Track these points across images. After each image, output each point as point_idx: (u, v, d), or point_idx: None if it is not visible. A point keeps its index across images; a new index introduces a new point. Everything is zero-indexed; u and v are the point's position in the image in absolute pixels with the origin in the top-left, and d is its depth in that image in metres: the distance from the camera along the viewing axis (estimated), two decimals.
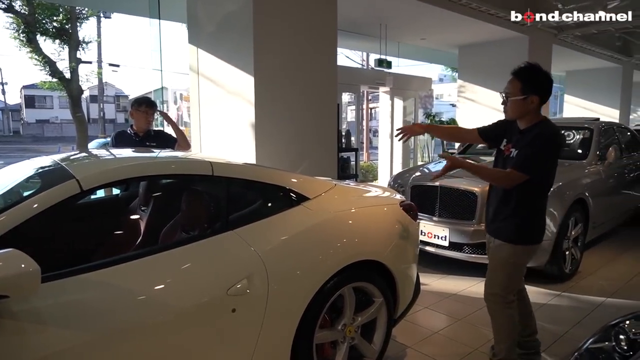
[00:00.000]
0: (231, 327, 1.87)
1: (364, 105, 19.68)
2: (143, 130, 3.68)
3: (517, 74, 2.35)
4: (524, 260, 2.47)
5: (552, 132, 2.33)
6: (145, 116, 3.65)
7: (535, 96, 2.31)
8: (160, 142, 3.70)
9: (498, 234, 2.48)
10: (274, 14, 4.69)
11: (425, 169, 5.08)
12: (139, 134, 3.66)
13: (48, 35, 13.32)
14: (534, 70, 2.34)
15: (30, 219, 1.55)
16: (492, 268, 2.53)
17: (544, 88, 2.33)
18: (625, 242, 5.49)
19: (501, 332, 2.52)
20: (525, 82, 2.31)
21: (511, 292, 2.48)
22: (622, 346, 1.37)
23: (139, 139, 3.64)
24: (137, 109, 3.65)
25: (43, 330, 1.48)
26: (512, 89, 2.35)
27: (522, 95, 2.32)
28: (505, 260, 2.45)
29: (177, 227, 2.17)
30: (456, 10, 7.28)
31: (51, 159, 2.19)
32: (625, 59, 13.11)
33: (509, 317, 2.48)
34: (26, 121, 38.92)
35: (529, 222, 2.41)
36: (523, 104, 2.33)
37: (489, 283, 2.54)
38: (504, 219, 2.43)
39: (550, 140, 2.30)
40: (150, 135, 3.70)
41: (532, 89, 2.31)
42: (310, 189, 2.38)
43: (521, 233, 2.40)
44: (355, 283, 2.31)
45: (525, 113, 2.36)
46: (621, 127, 6.04)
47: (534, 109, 2.34)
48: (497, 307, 2.50)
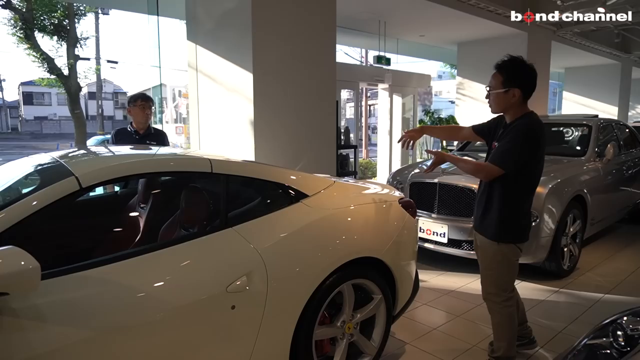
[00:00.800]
0: (231, 324, 1.88)
1: (363, 102, 19.66)
2: (143, 127, 3.68)
3: (499, 67, 2.34)
4: (510, 258, 2.44)
5: (530, 126, 2.28)
6: (142, 110, 3.63)
7: (517, 89, 2.29)
8: (159, 141, 3.72)
9: (483, 231, 2.48)
10: (273, 11, 4.68)
11: (424, 165, 5.08)
12: (139, 132, 3.66)
13: (46, 32, 13.28)
14: (516, 63, 2.32)
15: (29, 216, 1.55)
16: (483, 267, 2.53)
17: (526, 81, 2.30)
18: (623, 239, 5.51)
19: (500, 329, 2.53)
20: (507, 76, 2.31)
21: (506, 290, 2.48)
22: (620, 342, 1.38)
23: (139, 136, 3.64)
24: (133, 105, 3.63)
25: (43, 327, 1.48)
26: (495, 82, 2.35)
27: (504, 88, 2.31)
28: (492, 259, 2.45)
29: (176, 224, 2.18)
30: (455, 6, 7.27)
31: (50, 156, 2.19)
32: (624, 56, 13.11)
33: (507, 315, 2.48)
34: (24, 118, 38.79)
35: (512, 220, 2.39)
36: (505, 97, 2.32)
37: (483, 282, 2.54)
38: (489, 216, 2.42)
39: (526, 134, 2.26)
40: (150, 134, 3.69)
41: (513, 82, 2.29)
42: (309, 186, 2.38)
43: (505, 231, 2.39)
44: (354, 280, 2.32)
45: (508, 107, 2.35)
46: (620, 124, 6.04)
47: (517, 102, 2.32)
48: (495, 307, 2.50)
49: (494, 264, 2.45)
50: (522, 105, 2.36)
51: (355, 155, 7.16)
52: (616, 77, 13.94)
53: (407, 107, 9.73)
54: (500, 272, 2.46)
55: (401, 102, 9.47)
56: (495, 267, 2.45)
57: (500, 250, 2.41)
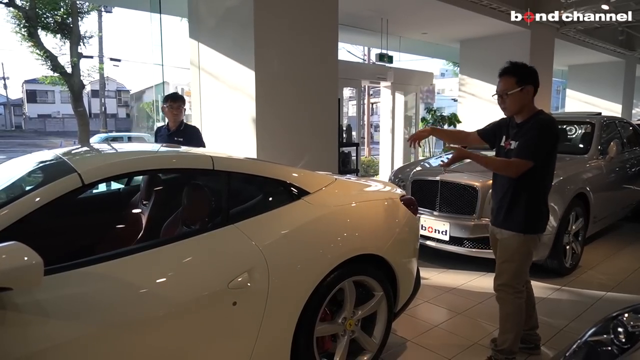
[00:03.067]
0: (232, 320, 1.89)
1: (365, 100, 19.65)
2: (174, 125, 3.94)
3: (507, 71, 2.46)
4: (532, 248, 2.54)
5: (549, 120, 2.42)
6: (170, 110, 3.92)
7: (530, 86, 2.43)
8: (186, 137, 3.92)
9: (507, 225, 2.53)
10: (275, 9, 4.68)
11: (426, 163, 5.08)
12: (170, 129, 3.93)
13: (49, 30, 13.32)
14: (520, 64, 2.46)
15: (32, 212, 1.56)
16: (503, 259, 2.57)
17: (534, 78, 2.45)
18: (626, 237, 5.50)
19: (508, 322, 2.55)
20: (519, 76, 2.43)
21: (521, 282, 2.55)
22: (621, 338, 1.38)
23: (169, 132, 3.92)
24: (164, 106, 3.95)
25: (46, 322, 1.49)
26: (507, 84, 2.44)
27: (519, 87, 2.41)
28: (516, 251, 2.51)
29: (178, 221, 2.18)
30: (457, 4, 7.25)
31: (53, 153, 2.20)
32: (628, 53, 13.04)
33: (518, 307, 2.53)
34: (28, 116, 38.92)
35: (535, 211, 2.48)
36: (521, 95, 2.43)
37: (499, 274, 2.58)
38: (511, 210, 2.49)
39: (547, 127, 2.39)
40: (179, 130, 3.94)
41: (525, 79, 2.42)
42: (310, 183, 2.39)
43: (530, 222, 2.47)
44: (356, 277, 2.32)
45: (524, 105, 2.45)
46: (623, 122, 6.02)
47: (530, 99, 2.46)
48: (507, 297, 2.54)
49: (517, 255, 2.51)
50: (533, 104, 2.50)
51: (357, 153, 7.15)
52: (620, 75, 13.87)
53: (410, 105, 9.71)
54: (521, 263, 2.53)
55: (403, 100, 9.45)
56: (517, 258, 2.52)
57: (524, 241, 2.49)
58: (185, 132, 3.95)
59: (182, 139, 3.85)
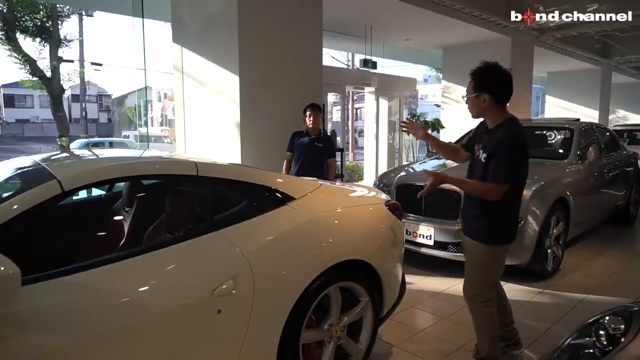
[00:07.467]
0: (217, 328, 1.86)
1: (350, 106, 19.70)
2: (314, 131, 4.44)
3: (471, 73, 2.38)
4: (497, 260, 2.48)
5: (514, 135, 2.30)
6: (305, 119, 4.42)
7: (486, 94, 2.32)
8: (325, 144, 4.45)
9: (471, 234, 2.50)
10: (259, 14, 4.68)
11: (410, 168, 5.11)
12: (311, 134, 4.43)
13: (28, 33, 13.07)
14: (486, 69, 2.34)
15: (10, 220, 1.52)
16: (468, 268, 2.55)
17: (494, 86, 2.32)
18: (605, 240, 5.61)
19: (482, 329, 2.55)
20: (476, 81, 2.35)
21: (488, 291, 2.50)
22: (602, 341, 1.40)
23: (309, 137, 4.41)
24: (304, 114, 4.44)
25: (24, 334, 1.45)
26: (468, 87, 2.40)
27: (474, 93, 2.36)
28: (478, 260, 2.47)
29: (161, 228, 2.15)
30: (440, 11, 7.36)
31: (32, 159, 2.15)
32: (604, 61, 13.40)
33: (488, 315, 2.51)
34: (5, 121, 38.01)
35: (500, 222, 2.42)
36: (476, 102, 2.36)
37: (466, 283, 2.56)
38: (477, 219, 2.44)
39: (512, 145, 2.28)
40: (320, 137, 4.47)
41: (482, 87, 2.33)
42: (295, 188, 2.38)
43: (493, 233, 2.42)
44: (341, 283, 2.31)
45: (482, 111, 2.39)
46: (600, 128, 6.16)
47: (489, 107, 2.34)
48: (476, 307, 2.53)
49: (482, 265, 2.47)
50: (499, 110, 2.37)
51: (342, 158, 7.18)
52: (597, 82, 14.24)
53: (394, 110, 9.79)
54: (487, 274, 2.49)
55: (387, 105, 9.52)
56: (482, 268, 2.48)
57: (487, 252, 2.43)
58: (325, 139, 4.52)
59: (322, 145, 4.38)
